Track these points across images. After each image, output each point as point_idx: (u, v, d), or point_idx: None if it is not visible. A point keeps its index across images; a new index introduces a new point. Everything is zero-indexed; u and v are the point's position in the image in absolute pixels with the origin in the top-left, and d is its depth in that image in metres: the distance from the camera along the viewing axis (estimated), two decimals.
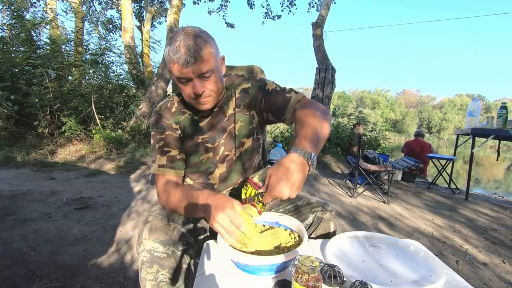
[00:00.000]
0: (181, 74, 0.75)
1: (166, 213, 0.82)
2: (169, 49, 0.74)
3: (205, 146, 0.92)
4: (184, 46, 0.73)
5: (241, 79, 0.96)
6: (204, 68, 0.75)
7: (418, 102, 58.95)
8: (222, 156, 0.93)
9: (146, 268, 0.71)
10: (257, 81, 0.94)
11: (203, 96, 0.79)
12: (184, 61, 0.73)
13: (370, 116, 24.83)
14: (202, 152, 0.92)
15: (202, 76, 0.76)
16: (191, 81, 0.77)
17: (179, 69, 0.74)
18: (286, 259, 0.58)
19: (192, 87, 0.77)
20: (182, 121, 0.91)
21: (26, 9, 7.76)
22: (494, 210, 3.04)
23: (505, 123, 3.07)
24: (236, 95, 0.93)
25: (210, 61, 0.76)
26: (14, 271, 1.48)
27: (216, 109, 0.92)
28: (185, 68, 0.73)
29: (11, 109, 4.56)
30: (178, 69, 0.74)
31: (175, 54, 0.73)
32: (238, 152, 0.94)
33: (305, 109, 0.79)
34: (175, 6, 5.79)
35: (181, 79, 0.77)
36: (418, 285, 0.58)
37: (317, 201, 0.98)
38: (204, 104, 0.82)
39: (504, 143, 9.86)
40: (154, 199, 2.76)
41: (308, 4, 9.10)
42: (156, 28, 12.44)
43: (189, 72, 0.74)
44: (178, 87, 0.84)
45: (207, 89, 0.79)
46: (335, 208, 2.85)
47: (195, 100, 0.81)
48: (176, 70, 0.75)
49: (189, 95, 0.80)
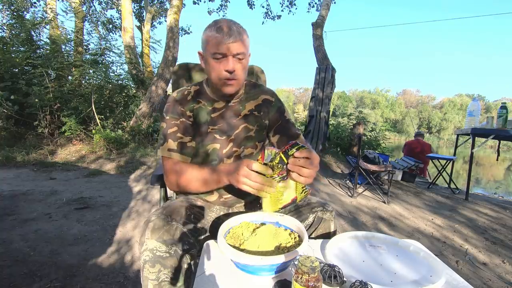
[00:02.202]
0: (219, 49, 0.80)
1: (168, 213, 0.81)
2: (210, 29, 0.81)
3: (213, 136, 0.94)
4: (227, 26, 0.80)
5: (266, 89, 1.04)
6: (241, 48, 0.82)
7: (418, 102, 58.95)
8: (230, 152, 0.95)
9: (148, 268, 0.71)
10: (279, 101, 1.04)
11: (232, 76, 0.83)
12: (226, 36, 0.79)
13: (370, 116, 24.84)
14: (209, 142, 0.94)
15: (237, 55, 0.82)
16: (226, 58, 0.81)
17: (221, 43, 0.79)
18: (286, 259, 0.58)
19: (225, 64, 0.82)
20: (195, 110, 0.94)
21: (26, 9, 7.78)
22: (494, 210, 3.05)
23: (505, 123, 3.07)
24: (259, 101, 1.00)
25: (246, 46, 0.84)
26: (14, 271, 1.48)
27: (231, 104, 0.96)
28: (226, 43, 0.79)
29: (11, 109, 4.56)
30: (219, 43, 0.79)
31: (217, 31, 0.79)
32: (247, 151, 0.97)
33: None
34: (175, 6, 5.79)
35: (217, 55, 0.81)
36: (418, 285, 0.58)
37: (317, 201, 0.98)
38: (230, 86, 0.86)
39: (504, 143, 9.86)
40: (154, 199, 2.76)
41: (308, 4, 9.11)
42: (156, 28, 12.45)
43: (228, 47, 0.79)
44: (207, 69, 0.88)
45: (236, 70, 0.83)
46: (335, 208, 2.85)
47: (223, 80, 0.85)
48: (215, 45, 0.80)
49: (219, 74, 0.84)
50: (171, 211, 0.83)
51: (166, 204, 0.89)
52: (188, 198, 0.98)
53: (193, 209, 0.90)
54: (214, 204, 0.99)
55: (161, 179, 1.06)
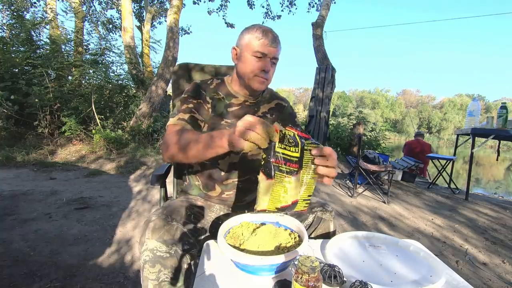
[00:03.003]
0: (263, 49, 0.89)
1: (168, 213, 0.81)
2: (255, 31, 0.90)
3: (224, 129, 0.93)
4: (272, 33, 0.90)
5: (280, 96, 1.14)
6: (278, 55, 0.93)
7: (418, 102, 58.95)
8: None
9: (148, 268, 0.71)
10: (291, 108, 1.14)
11: (265, 76, 0.92)
12: (272, 40, 0.89)
13: (370, 116, 24.83)
14: None
15: (273, 59, 0.92)
16: (265, 59, 0.90)
17: (265, 45, 0.88)
18: (286, 259, 0.58)
19: (263, 63, 0.91)
20: (215, 100, 0.98)
21: (26, 9, 7.78)
22: (494, 210, 3.05)
23: (505, 123, 3.07)
24: (272, 105, 1.07)
25: (279, 54, 0.94)
26: (14, 271, 1.48)
27: (248, 103, 1.01)
28: (270, 46, 0.89)
29: (11, 109, 4.56)
30: (263, 45, 0.88)
31: (264, 34, 0.89)
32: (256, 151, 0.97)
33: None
34: (175, 6, 5.79)
35: (259, 53, 0.89)
36: (418, 285, 0.58)
37: (317, 201, 0.98)
38: (261, 83, 0.93)
39: (504, 143, 9.86)
40: (154, 199, 2.76)
41: (308, 4, 9.12)
42: (156, 28, 12.44)
43: (271, 50, 0.90)
44: (241, 64, 0.93)
45: (270, 72, 0.94)
46: (335, 208, 2.85)
47: (258, 77, 0.92)
48: (261, 45, 0.88)
49: (255, 69, 0.91)
50: (172, 211, 0.83)
51: (166, 204, 0.89)
52: (188, 198, 0.98)
53: (193, 209, 0.90)
54: (214, 201, 0.99)
55: (161, 179, 1.06)
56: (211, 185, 0.97)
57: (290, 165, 0.61)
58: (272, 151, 0.59)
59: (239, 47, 0.94)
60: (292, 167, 0.61)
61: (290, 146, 0.60)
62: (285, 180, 0.61)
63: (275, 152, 0.59)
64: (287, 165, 0.61)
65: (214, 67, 1.28)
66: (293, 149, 0.61)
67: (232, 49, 0.97)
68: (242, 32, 0.94)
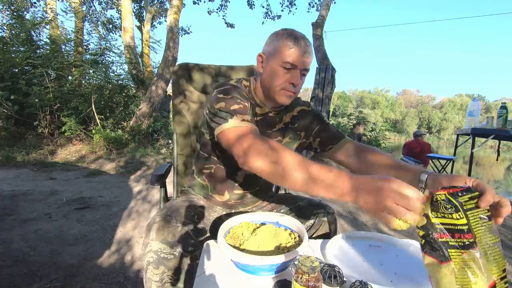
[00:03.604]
0: (294, 61, 0.80)
1: (172, 214, 0.81)
2: (285, 38, 0.80)
3: None
4: (304, 41, 0.81)
5: (302, 102, 1.03)
6: (308, 66, 0.84)
7: (418, 102, 58.97)
8: None
9: (152, 269, 0.71)
10: (316, 110, 1.03)
11: (293, 89, 0.84)
12: (303, 51, 0.80)
13: (370, 116, 24.84)
14: None
15: (303, 70, 0.83)
16: (295, 70, 0.82)
17: (296, 55, 0.79)
18: (286, 259, 0.58)
19: (292, 76, 0.82)
20: (251, 106, 0.91)
21: (26, 9, 7.77)
22: None
23: (505, 123, 3.07)
24: (294, 112, 0.99)
25: (311, 64, 0.85)
26: (14, 271, 1.48)
27: (270, 114, 0.94)
28: (302, 57, 0.80)
29: (11, 109, 4.56)
30: (294, 55, 0.79)
31: (295, 43, 0.79)
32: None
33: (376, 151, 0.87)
34: (175, 6, 5.79)
35: (289, 64, 0.80)
36: (418, 285, 0.58)
37: (318, 202, 0.98)
38: (287, 97, 0.85)
39: (504, 143, 9.86)
40: (154, 199, 2.76)
41: (308, 4, 9.12)
42: (156, 28, 12.47)
43: (302, 61, 0.81)
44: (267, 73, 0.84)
45: (299, 85, 0.85)
46: (335, 208, 2.85)
47: (284, 90, 0.83)
48: (291, 54, 0.79)
49: (283, 82, 0.83)
50: (175, 211, 0.82)
51: (169, 205, 0.89)
52: (190, 197, 0.98)
53: (196, 209, 0.90)
54: (218, 204, 0.98)
55: (161, 179, 1.06)
56: (221, 190, 0.96)
57: (461, 236, 0.45)
58: (430, 224, 0.46)
59: (265, 54, 0.85)
60: (465, 238, 0.45)
61: (449, 213, 0.46)
62: (466, 258, 0.44)
63: (434, 224, 0.46)
64: (457, 236, 0.45)
65: (214, 67, 1.28)
66: (455, 216, 0.46)
67: (258, 56, 0.89)
68: (270, 37, 0.85)
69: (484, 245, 0.46)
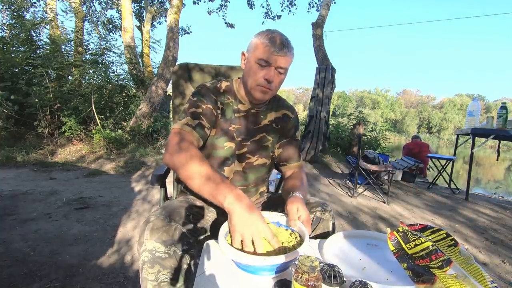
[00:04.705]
0: (268, 58, 0.83)
1: (167, 213, 0.81)
2: (263, 36, 0.84)
3: (232, 135, 0.95)
4: (281, 39, 0.83)
5: (288, 105, 1.09)
6: (285, 64, 0.86)
7: (418, 102, 58.92)
8: (243, 156, 0.97)
9: (147, 268, 0.71)
10: (297, 121, 1.10)
11: (268, 85, 0.87)
12: (278, 48, 0.82)
13: (370, 116, 24.81)
14: (227, 139, 0.95)
15: (279, 68, 0.86)
16: (269, 67, 0.84)
17: (270, 52, 0.82)
18: (287, 259, 0.58)
19: (267, 73, 0.85)
20: (225, 104, 0.96)
21: (26, 9, 7.77)
22: (494, 210, 3.04)
23: (505, 123, 3.07)
24: (279, 114, 1.04)
25: (289, 63, 0.87)
26: (14, 271, 1.48)
27: (253, 111, 0.98)
28: (276, 54, 0.82)
29: (11, 109, 4.56)
30: (268, 52, 0.82)
31: (270, 41, 0.82)
32: (260, 161, 0.99)
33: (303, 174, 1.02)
34: (175, 6, 5.79)
35: (263, 61, 0.84)
36: (413, 283, 0.58)
37: (316, 201, 0.98)
38: (264, 93, 0.89)
39: (504, 143, 9.86)
40: (154, 199, 2.76)
41: (308, 4, 9.10)
42: (156, 28, 12.44)
43: (276, 59, 0.83)
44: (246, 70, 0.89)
45: (274, 82, 0.87)
46: (335, 208, 2.85)
47: (260, 86, 0.87)
48: (265, 51, 0.83)
49: (258, 79, 0.86)
50: (171, 211, 0.82)
51: (165, 204, 0.89)
52: (188, 198, 0.98)
53: (193, 209, 0.90)
54: (211, 205, 0.99)
55: (161, 179, 1.06)
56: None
57: (436, 256, 0.50)
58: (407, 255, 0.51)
59: (247, 52, 0.90)
60: (440, 257, 0.50)
61: (417, 237, 0.51)
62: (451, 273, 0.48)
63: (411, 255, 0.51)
64: (434, 258, 0.49)
65: (214, 67, 1.28)
66: (423, 240, 0.51)
67: (242, 54, 0.94)
68: (253, 36, 0.90)
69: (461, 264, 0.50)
